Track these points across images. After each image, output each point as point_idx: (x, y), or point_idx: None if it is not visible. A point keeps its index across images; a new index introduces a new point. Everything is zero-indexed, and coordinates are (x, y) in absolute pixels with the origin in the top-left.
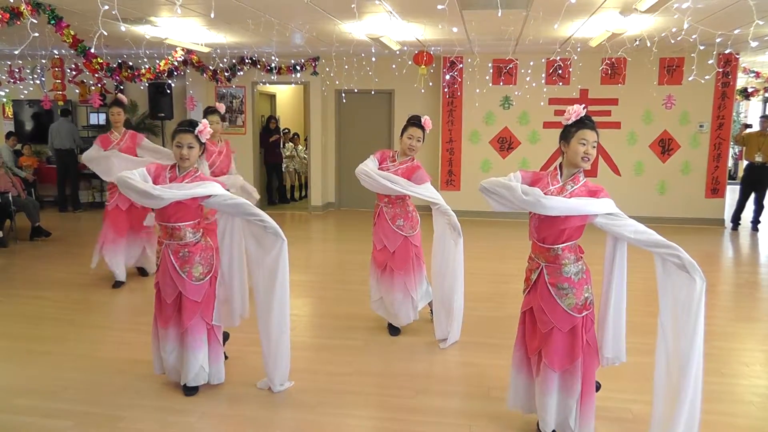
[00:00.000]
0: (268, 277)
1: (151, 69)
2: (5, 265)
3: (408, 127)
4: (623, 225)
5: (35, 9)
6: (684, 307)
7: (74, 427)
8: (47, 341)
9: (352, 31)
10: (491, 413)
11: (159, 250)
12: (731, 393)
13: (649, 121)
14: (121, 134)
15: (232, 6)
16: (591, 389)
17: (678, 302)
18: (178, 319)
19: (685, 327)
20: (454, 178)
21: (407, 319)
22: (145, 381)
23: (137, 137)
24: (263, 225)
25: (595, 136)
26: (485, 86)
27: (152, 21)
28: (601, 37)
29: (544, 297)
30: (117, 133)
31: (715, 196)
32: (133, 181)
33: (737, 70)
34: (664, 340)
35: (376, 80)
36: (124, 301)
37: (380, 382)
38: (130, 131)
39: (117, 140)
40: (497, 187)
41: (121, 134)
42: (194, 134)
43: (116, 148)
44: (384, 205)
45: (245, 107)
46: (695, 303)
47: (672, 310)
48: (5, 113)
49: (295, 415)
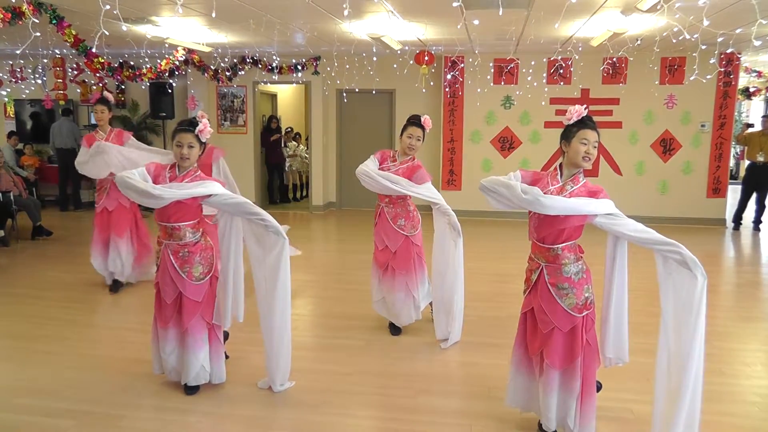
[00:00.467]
0: (270, 276)
1: (152, 68)
2: (7, 264)
3: (408, 127)
4: (623, 224)
5: (37, 9)
6: (685, 305)
7: (75, 427)
8: (48, 340)
9: (353, 30)
10: (492, 413)
11: (159, 250)
12: (732, 393)
13: (651, 121)
14: (107, 132)
15: (233, 5)
16: (591, 389)
17: (679, 300)
18: (178, 320)
19: (686, 325)
20: (455, 177)
21: (409, 319)
22: (146, 380)
23: (123, 135)
24: (264, 224)
25: (596, 136)
26: (486, 86)
27: (153, 21)
28: (603, 37)
29: (545, 297)
30: (102, 131)
31: (717, 196)
32: (133, 180)
33: (739, 69)
34: (666, 338)
35: (377, 80)
36: (125, 300)
37: (381, 382)
38: (116, 129)
39: (102, 139)
40: (497, 185)
41: (107, 132)
42: (194, 134)
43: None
44: (385, 205)
45: (246, 107)
46: (696, 300)
47: (673, 308)
48: (7, 113)
49: (295, 415)
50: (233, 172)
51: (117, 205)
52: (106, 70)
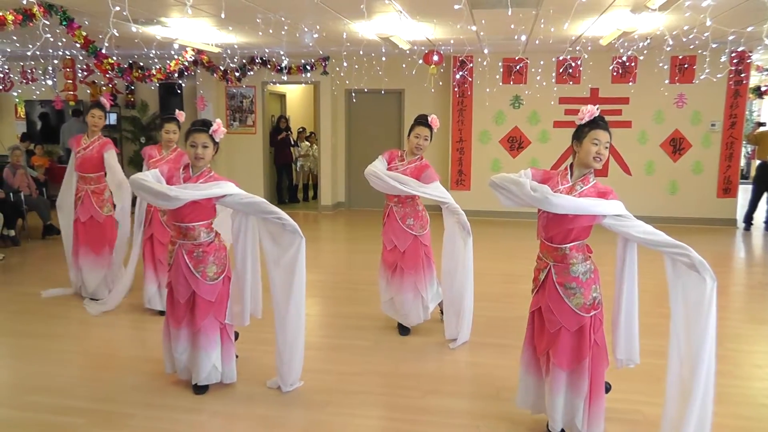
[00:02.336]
0: (286, 276)
1: (161, 69)
2: (18, 263)
3: (415, 126)
4: (631, 225)
5: (47, 10)
6: (695, 308)
7: (86, 425)
8: (59, 339)
9: (362, 30)
10: (501, 414)
11: (172, 249)
12: (744, 395)
13: (661, 121)
14: (92, 139)
15: (242, 6)
16: (600, 390)
17: (689, 303)
18: (190, 319)
19: (696, 327)
20: (464, 177)
21: (418, 319)
22: (156, 379)
23: (105, 146)
24: (281, 223)
25: (608, 136)
26: (495, 85)
27: (163, 22)
28: (612, 36)
29: (552, 296)
30: (89, 137)
31: (727, 196)
32: (147, 182)
33: (750, 68)
34: (677, 341)
35: (386, 80)
36: (136, 300)
37: (390, 382)
38: (103, 139)
39: (86, 144)
40: (506, 182)
41: (92, 139)
42: (208, 134)
43: (82, 152)
44: (394, 205)
45: (255, 107)
46: (706, 303)
47: (683, 311)
48: (18, 113)
49: (305, 415)
50: (242, 171)
51: (90, 217)
52: (115, 71)
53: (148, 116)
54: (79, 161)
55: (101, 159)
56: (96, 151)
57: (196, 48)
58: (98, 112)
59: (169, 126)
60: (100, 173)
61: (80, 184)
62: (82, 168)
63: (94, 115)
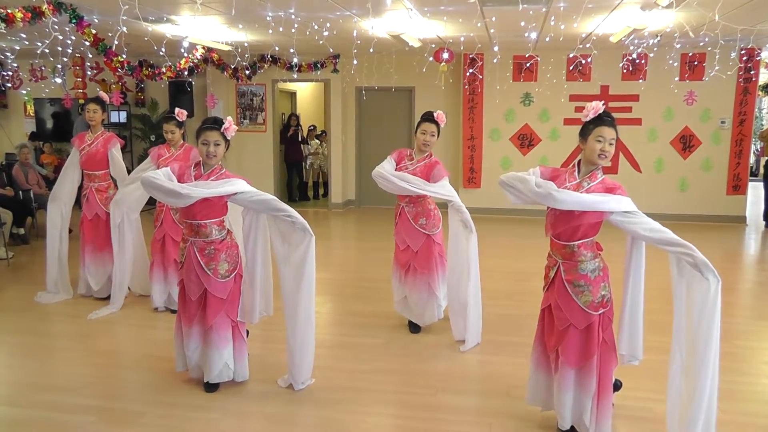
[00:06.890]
0: (295, 273)
1: (171, 67)
2: (27, 261)
3: (421, 123)
4: (638, 223)
5: (57, 8)
6: (698, 307)
7: (96, 422)
8: (68, 337)
9: (372, 28)
10: (512, 412)
11: (183, 247)
12: (752, 392)
13: (670, 118)
14: (96, 135)
15: (253, 3)
16: (608, 388)
17: (692, 302)
18: (202, 317)
19: (699, 327)
20: (475, 175)
21: (432, 318)
22: (167, 377)
23: (111, 141)
24: (291, 221)
25: (614, 133)
26: (506, 83)
27: (173, 20)
28: (622, 33)
29: (561, 294)
30: (92, 133)
31: (737, 193)
32: (159, 180)
33: (760, 65)
34: (679, 340)
35: (396, 77)
36: (146, 298)
37: (401, 380)
38: (107, 134)
39: (90, 141)
40: (513, 180)
41: (96, 135)
42: (220, 131)
43: (87, 149)
44: (405, 205)
45: (266, 105)
46: (710, 303)
47: (686, 310)
48: (27, 111)
49: (316, 413)
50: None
51: (94, 215)
52: (125, 69)
53: (158, 114)
54: (84, 158)
55: (106, 154)
56: (101, 146)
57: (206, 46)
58: (93, 106)
59: (168, 126)
60: (105, 170)
61: (86, 181)
62: (87, 165)
63: (90, 109)
